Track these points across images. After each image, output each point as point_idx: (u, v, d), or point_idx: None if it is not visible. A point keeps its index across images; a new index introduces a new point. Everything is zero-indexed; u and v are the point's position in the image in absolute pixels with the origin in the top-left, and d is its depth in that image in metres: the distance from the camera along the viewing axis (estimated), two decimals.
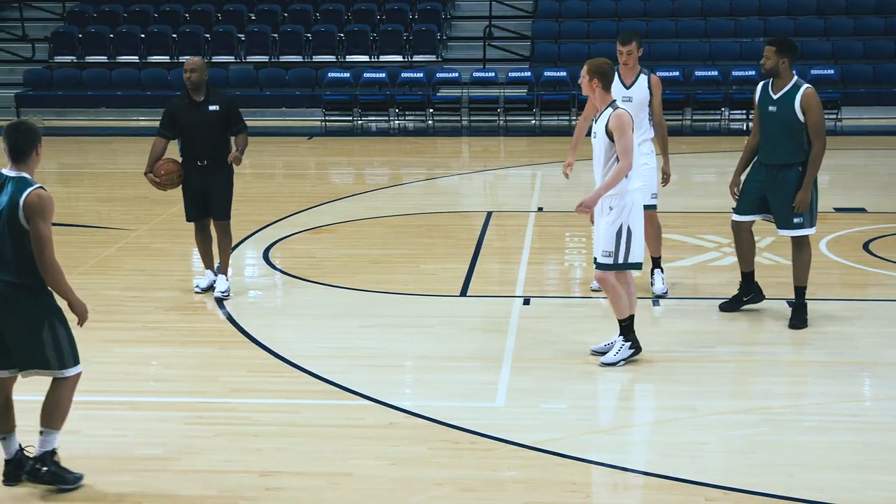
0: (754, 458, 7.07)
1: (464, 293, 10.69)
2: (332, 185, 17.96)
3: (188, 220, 10.66)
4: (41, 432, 6.67)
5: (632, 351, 8.66)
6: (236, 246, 11.97)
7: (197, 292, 10.67)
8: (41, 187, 6.42)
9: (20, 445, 6.80)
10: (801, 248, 9.59)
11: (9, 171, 6.48)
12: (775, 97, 9.39)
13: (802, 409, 8.01)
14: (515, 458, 7.11)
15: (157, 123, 10.76)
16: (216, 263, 10.71)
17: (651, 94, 10.03)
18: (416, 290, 10.79)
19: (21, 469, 6.75)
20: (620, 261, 8.46)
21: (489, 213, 14.20)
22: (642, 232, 8.56)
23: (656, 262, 10.44)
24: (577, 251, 12.37)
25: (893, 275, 11.15)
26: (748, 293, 9.97)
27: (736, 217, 9.78)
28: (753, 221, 9.75)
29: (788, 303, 10.02)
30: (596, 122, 8.50)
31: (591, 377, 8.53)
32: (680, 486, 6.71)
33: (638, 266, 8.59)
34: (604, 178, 8.46)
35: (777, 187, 9.43)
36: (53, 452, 6.70)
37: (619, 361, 8.60)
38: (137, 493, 6.65)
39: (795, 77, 9.42)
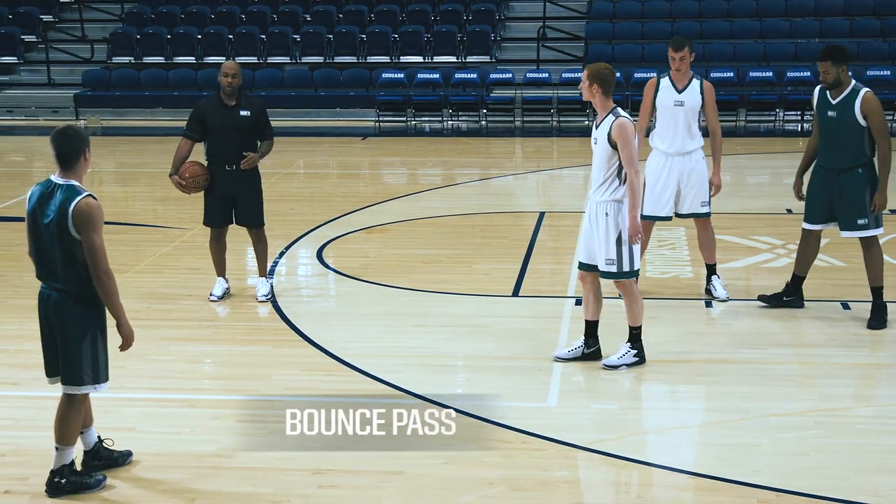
0: (807, 461, 7.02)
1: (516, 293, 10.68)
2: (385, 184, 18.01)
3: (210, 225, 10.43)
4: (57, 448, 6.64)
5: (636, 360, 8.54)
6: (291, 245, 12.05)
7: (213, 301, 10.45)
8: (90, 195, 6.34)
9: (99, 437, 6.91)
10: (870, 249, 9.52)
11: (57, 179, 6.38)
12: (834, 102, 9.32)
13: (857, 412, 7.93)
14: (566, 459, 7.09)
15: None
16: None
17: (703, 99, 9.95)
18: (469, 290, 10.79)
19: (98, 459, 6.88)
20: (626, 269, 8.34)
21: (542, 214, 14.18)
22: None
23: (712, 269, 10.34)
24: None
25: None
26: (791, 294, 9.90)
27: (807, 226, 9.71)
28: (822, 230, 9.72)
29: (843, 304, 9.95)
30: (597, 128, 8.34)
31: (643, 378, 8.50)
32: (732, 487, 6.67)
33: (637, 273, 8.55)
34: (602, 184, 8.30)
35: (840, 190, 9.37)
36: (72, 464, 6.71)
37: (622, 366, 8.49)
38: (192, 490, 6.70)
39: (853, 81, 9.34)
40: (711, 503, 6.54)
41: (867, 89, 9.31)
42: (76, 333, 6.45)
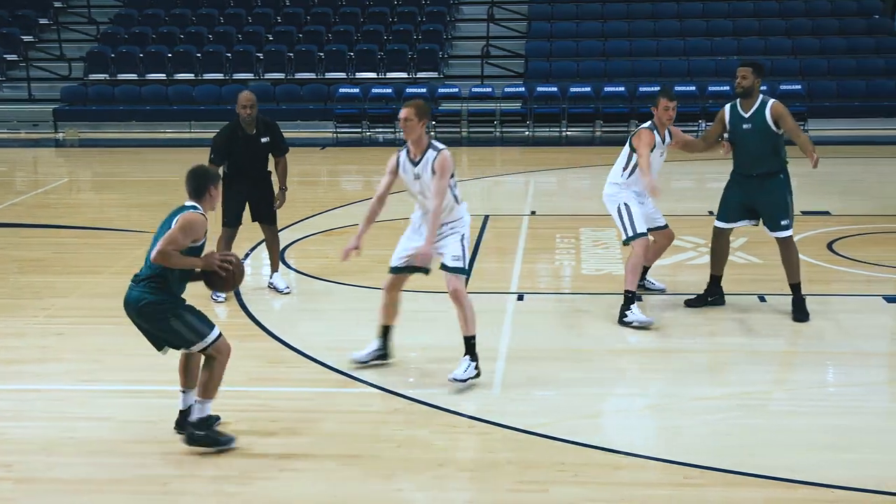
0: (729, 440, 7.06)
1: None
2: (343, 191, 17.95)
3: (229, 224, 10.43)
4: (196, 401, 6.87)
5: (477, 372, 8.01)
6: (255, 247, 11.96)
7: (220, 301, 10.33)
8: (201, 214, 6.79)
9: (195, 400, 6.94)
10: (788, 248, 9.59)
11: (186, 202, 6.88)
12: (747, 115, 9.40)
13: (774, 395, 8.00)
14: (510, 441, 7.09)
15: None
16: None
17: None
18: (421, 287, 10.73)
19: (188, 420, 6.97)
20: (467, 267, 8.17)
21: (486, 217, 14.18)
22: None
23: (645, 270, 10.35)
24: (567, 251, 12.34)
25: (854, 272, 11.14)
26: (714, 294, 9.96)
27: (720, 224, 9.76)
28: (733, 229, 9.77)
29: (759, 297, 10.04)
30: (416, 164, 8.07)
31: (579, 366, 8.51)
32: (660, 465, 6.70)
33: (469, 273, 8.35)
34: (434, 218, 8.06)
35: (764, 194, 9.44)
36: (209, 418, 6.90)
37: (468, 380, 7.94)
38: (165, 476, 6.64)
39: (761, 95, 9.43)
40: (642, 480, 6.56)
41: (774, 99, 9.41)
42: (162, 321, 6.81)
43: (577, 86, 22.94)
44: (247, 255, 11.87)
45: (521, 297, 10.41)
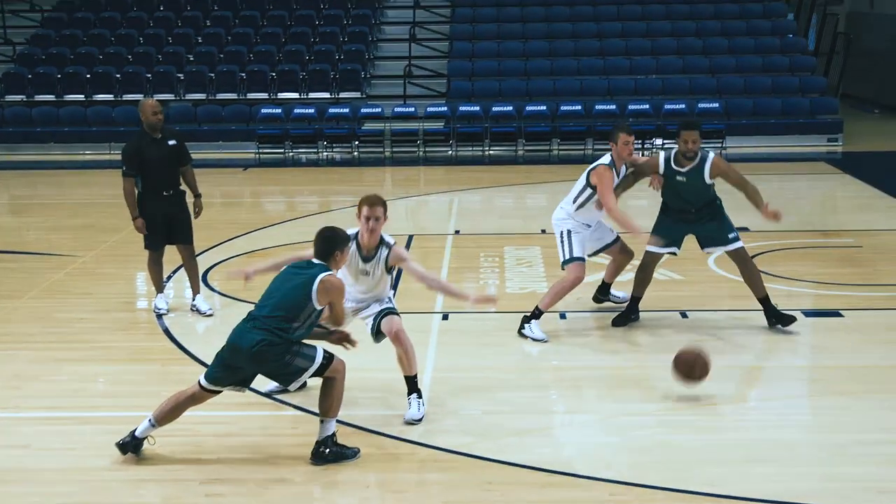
0: (654, 456, 7.12)
1: None
2: (265, 212, 17.83)
3: (152, 248, 10.54)
4: (321, 420, 7.03)
5: (425, 407, 7.90)
6: (178, 269, 11.82)
7: (162, 313, 10.50)
8: (336, 277, 7.14)
9: (321, 420, 7.08)
10: (746, 261, 9.73)
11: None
12: (683, 170, 9.46)
13: (696, 410, 8.07)
14: (437, 461, 7.09)
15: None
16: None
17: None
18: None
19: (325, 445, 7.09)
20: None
21: (411, 237, 14.18)
22: None
23: (608, 286, 10.46)
24: (491, 269, 12.39)
25: (774, 287, 11.29)
26: (635, 312, 10.05)
27: (655, 249, 9.81)
28: (664, 256, 9.89)
29: (681, 314, 10.16)
30: (366, 261, 7.89)
31: (505, 385, 8.53)
32: (587, 482, 6.74)
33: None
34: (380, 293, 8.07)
35: (704, 221, 9.55)
36: (333, 435, 7.04)
37: (422, 418, 7.77)
38: (87, 503, 6.52)
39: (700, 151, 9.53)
40: (568, 498, 6.59)
41: (713, 154, 9.51)
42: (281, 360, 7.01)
43: (499, 105, 23.08)
44: (169, 278, 11.73)
45: (445, 317, 10.42)
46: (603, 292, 10.48)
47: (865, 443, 7.32)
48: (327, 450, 7.01)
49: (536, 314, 9.68)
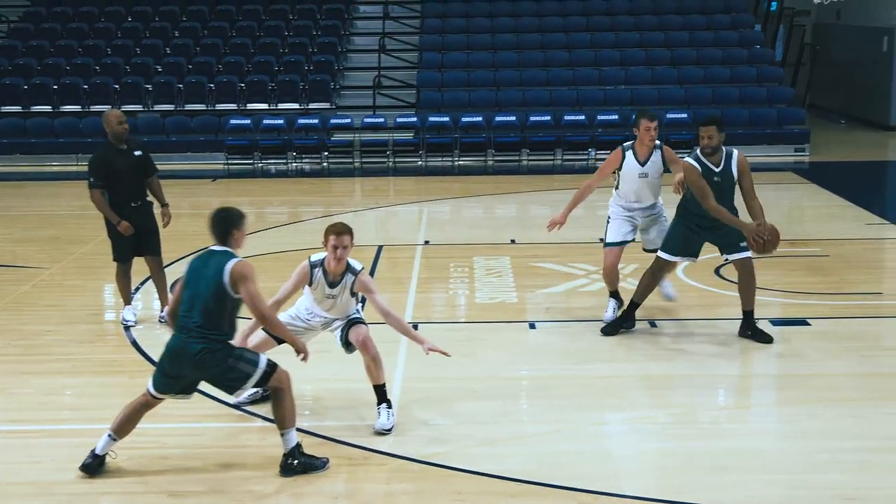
0: (622, 465, 7.15)
1: None
2: None
3: (121, 260, 10.52)
4: (281, 434, 6.97)
5: (395, 417, 7.88)
6: (146, 280, 11.75)
7: (130, 325, 10.46)
8: (241, 259, 7.13)
9: (281, 433, 7.02)
10: (750, 272, 9.69)
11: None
12: (718, 169, 9.40)
13: (665, 418, 8.09)
14: (406, 472, 7.08)
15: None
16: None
17: (665, 165, 9.92)
18: None
19: (293, 457, 7.03)
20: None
21: (380, 247, 14.17)
22: None
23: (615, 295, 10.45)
24: (461, 280, 12.39)
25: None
26: (630, 320, 10.04)
27: (668, 257, 9.74)
28: (678, 264, 9.91)
29: (650, 323, 10.19)
30: (333, 286, 7.86)
31: (475, 395, 8.54)
32: (556, 491, 6.74)
33: None
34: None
35: (720, 227, 9.42)
36: (299, 445, 7.00)
37: (392, 427, 7.74)
38: None
39: (723, 146, 9.48)
40: None
41: (737, 150, 9.47)
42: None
43: (468, 115, 23.11)
44: (136, 290, 11.65)
45: (415, 327, 10.37)
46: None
47: (833, 450, 7.37)
48: (295, 461, 6.97)
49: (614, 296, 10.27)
